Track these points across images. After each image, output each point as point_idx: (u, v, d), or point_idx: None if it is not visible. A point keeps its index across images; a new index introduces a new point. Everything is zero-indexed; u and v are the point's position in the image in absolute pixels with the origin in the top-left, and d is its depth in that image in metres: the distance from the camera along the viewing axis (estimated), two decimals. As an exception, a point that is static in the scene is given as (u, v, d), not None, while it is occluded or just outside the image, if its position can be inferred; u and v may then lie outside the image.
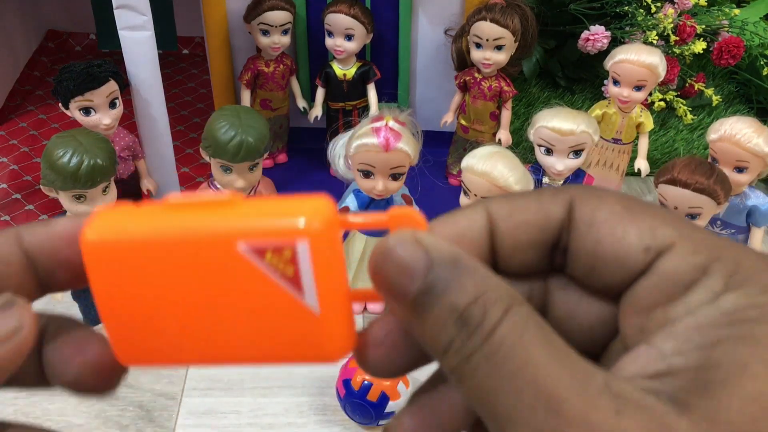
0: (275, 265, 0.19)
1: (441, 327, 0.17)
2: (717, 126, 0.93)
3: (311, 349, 0.19)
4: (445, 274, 0.17)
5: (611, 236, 0.17)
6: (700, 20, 1.36)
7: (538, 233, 0.19)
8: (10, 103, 1.33)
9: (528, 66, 1.39)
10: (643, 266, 0.17)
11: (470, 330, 0.16)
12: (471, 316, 0.16)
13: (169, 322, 0.20)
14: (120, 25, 0.90)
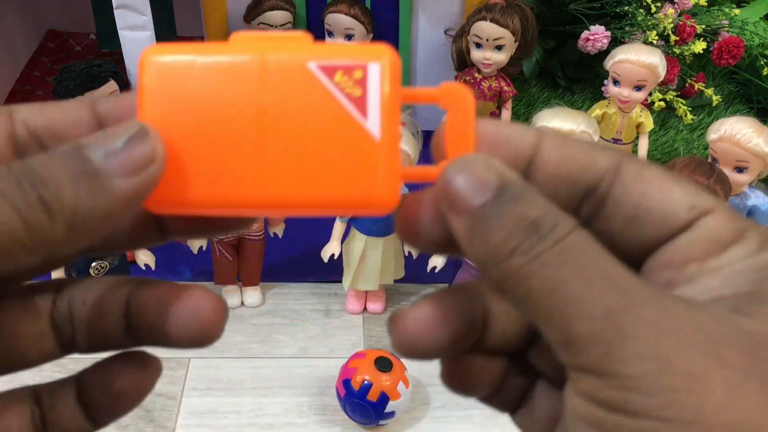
0: (343, 85, 0.18)
1: (508, 232, 0.17)
2: (717, 126, 0.93)
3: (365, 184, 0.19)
4: (516, 191, 0.18)
5: (658, 191, 0.18)
6: (700, 20, 1.36)
7: (580, 170, 0.19)
8: (10, 103, 1.33)
9: (528, 66, 1.39)
10: (685, 223, 0.18)
11: (541, 234, 0.17)
12: (542, 224, 0.17)
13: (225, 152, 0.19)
14: (120, 25, 0.90)
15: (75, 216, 0.17)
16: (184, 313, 0.20)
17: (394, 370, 0.79)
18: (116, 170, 0.17)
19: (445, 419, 0.84)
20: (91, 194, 0.17)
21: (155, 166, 0.18)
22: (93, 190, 0.17)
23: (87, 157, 0.17)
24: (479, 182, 0.18)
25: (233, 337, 0.92)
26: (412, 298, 1.03)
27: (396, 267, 0.95)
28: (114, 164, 0.18)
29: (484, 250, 0.18)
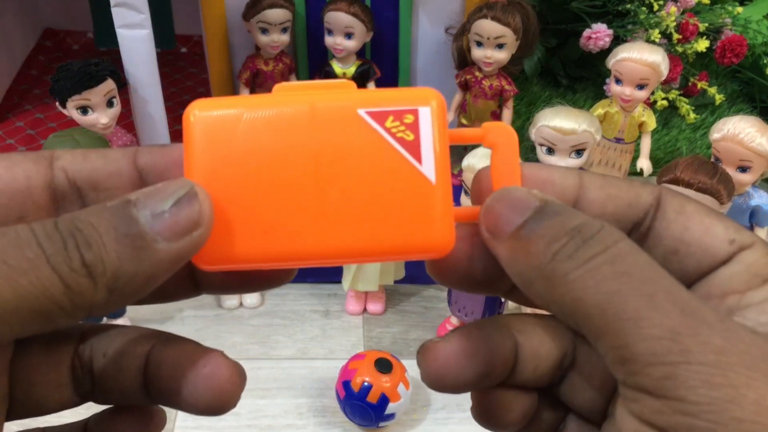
0: (395, 130, 0.19)
1: (550, 238, 0.17)
2: (720, 125, 0.92)
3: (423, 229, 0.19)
4: (557, 207, 0.18)
5: (700, 225, 0.19)
6: (703, 18, 1.35)
7: (625, 208, 0.19)
8: (7, 102, 1.32)
9: (529, 64, 1.38)
10: (726, 256, 0.18)
11: (585, 237, 0.17)
12: (585, 229, 0.17)
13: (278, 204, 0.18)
14: (117, 24, 0.89)
15: (116, 280, 0.17)
16: (200, 381, 0.19)
17: (394, 371, 0.78)
18: (162, 233, 0.17)
19: (446, 421, 0.84)
20: (135, 258, 0.17)
21: (201, 230, 0.18)
22: (137, 253, 0.17)
23: (134, 218, 0.17)
24: (520, 204, 0.18)
25: (231, 338, 0.91)
26: (412, 299, 1.02)
27: (396, 267, 0.94)
28: (160, 227, 0.17)
29: (527, 263, 0.17)
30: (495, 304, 0.91)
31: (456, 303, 0.94)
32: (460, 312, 0.94)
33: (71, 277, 0.16)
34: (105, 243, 0.17)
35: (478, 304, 0.91)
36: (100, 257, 0.16)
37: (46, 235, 0.16)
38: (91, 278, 0.16)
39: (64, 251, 0.16)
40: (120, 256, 0.17)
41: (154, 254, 0.17)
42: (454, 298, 0.94)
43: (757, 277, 0.18)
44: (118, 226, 0.17)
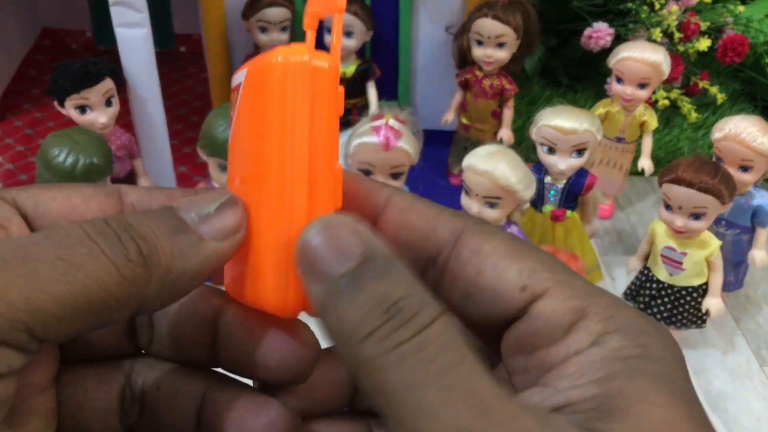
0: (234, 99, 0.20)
1: (366, 312, 0.16)
2: (721, 125, 0.92)
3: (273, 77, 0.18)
4: (382, 264, 0.17)
5: (492, 269, 0.18)
6: (705, 17, 1.35)
7: (420, 239, 0.19)
8: (6, 101, 1.32)
9: (530, 64, 1.38)
10: (520, 306, 0.18)
11: (402, 320, 0.16)
12: (405, 308, 0.16)
13: None
14: (116, 23, 0.89)
15: (169, 273, 0.17)
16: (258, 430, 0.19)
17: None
18: (209, 233, 0.18)
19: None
20: (186, 252, 0.18)
21: (242, 233, 0.19)
22: (188, 248, 0.18)
23: (181, 218, 0.18)
24: (342, 248, 0.17)
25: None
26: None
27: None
28: (207, 227, 0.18)
29: (338, 328, 0.16)
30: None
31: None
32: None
33: (128, 267, 0.16)
34: (159, 237, 0.17)
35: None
36: (156, 249, 0.17)
37: (98, 231, 0.17)
38: (146, 268, 0.17)
39: (119, 243, 0.17)
40: (173, 251, 0.17)
41: (202, 251, 0.18)
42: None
43: (559, 328, 0.17)
44: (170, 225, 0.18)
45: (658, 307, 0.92)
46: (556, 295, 0.17)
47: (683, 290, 0.90)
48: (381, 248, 0.17)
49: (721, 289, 0.89)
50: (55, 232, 0.16)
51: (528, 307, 0.18)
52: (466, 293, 0.18)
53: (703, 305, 0.90)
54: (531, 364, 0.18)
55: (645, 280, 0.92)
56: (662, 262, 0.89)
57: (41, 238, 0.16)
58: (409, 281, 0.17)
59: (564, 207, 0.95)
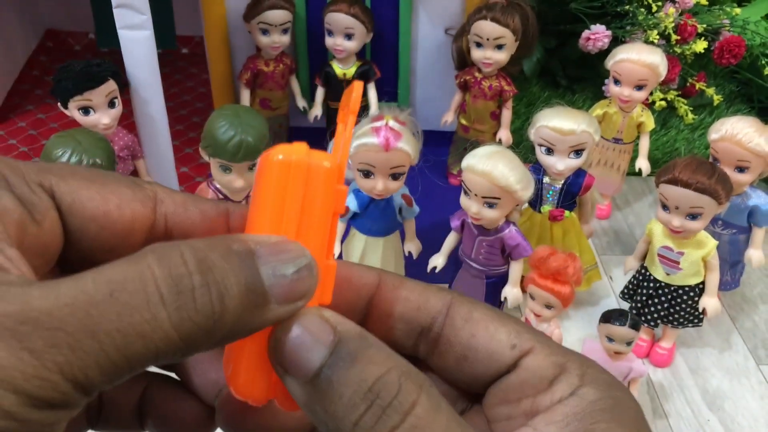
0: None
1: (348, 401, 0.17)
2: (718, 125, 0.92)
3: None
4: (353, 346, 0.17)
5: (485, 331, 0.20)
6: (701, 19, 1.35)
7: (414, 311, 0.20)
8: (9, 102, 1.33)
9: (529, 65, 1.38)
10: (510, 362, 0.20)
11: (383, 405, 0.16)
12: (384, 390, 0.16)
13: None
14: (119, 24, 0.89)
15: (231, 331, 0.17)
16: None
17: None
18: (278, 296, 0.17)
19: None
20: (251, 314, 0.17)
21: (305, 301, 0.18)
22: (255, 310, 0.17)
23: (258, 273, 0.17)
24: (313, 339, 0.17)
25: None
26: (412, 299, 1.03)
27: (396, 267, 0.94)
28: (278, 290, 0.17)
29: (326, 421, 0.17)
30: (495, 304, 0.92)
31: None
32: (459, 311, 0.94)
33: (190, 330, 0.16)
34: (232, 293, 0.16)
35: (477, 304, 0.91)
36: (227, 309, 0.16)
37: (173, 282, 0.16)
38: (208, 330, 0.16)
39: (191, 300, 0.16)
40: (242, 309, 0.17)
41: (265, 313, 0.17)
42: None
43: (543, 380, 0.19)
44: (246, 276, 0.17)
45: (655, 306, 0.93)
46: (540, 353, 0.20)
47: (680, 289, 0.90)
48: (350, 329, 0.18)
49: (717, 288, 0.90)
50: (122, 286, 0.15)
51: (517, 362, 0.20)
52: (463, 355, 0.20)
53: (699, 304, 0.90)
54: (516, 411, 0.20)
55: (642, 280, 0.93)
56: (659, 261, 0.90)
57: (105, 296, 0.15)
58: (382, 356, 0.17)
59: (562, 207, 0.96)
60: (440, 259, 0.92)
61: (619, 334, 0.77)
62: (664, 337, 0.97)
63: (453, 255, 0.92)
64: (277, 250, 0.18)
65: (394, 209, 0.89)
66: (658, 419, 0.90)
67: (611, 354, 0.80)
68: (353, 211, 0.88)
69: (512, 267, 0.87)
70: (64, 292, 0.15)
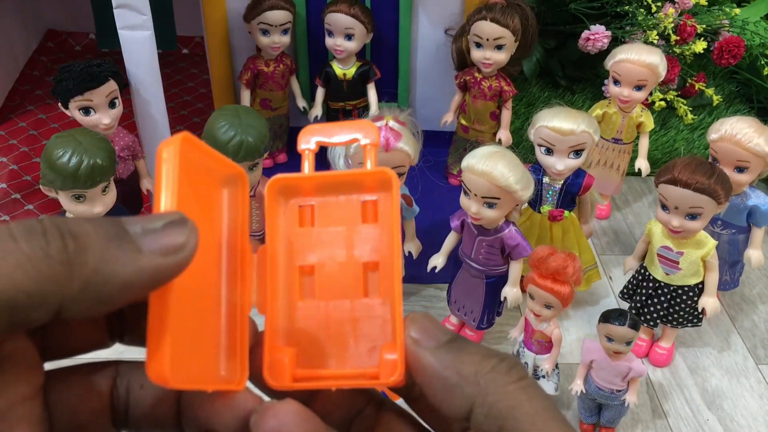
0: None
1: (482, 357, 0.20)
2: (717, 126, 0.92)
3: None
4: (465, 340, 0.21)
5: None
6: (701, 20, 1.36)
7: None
8: (10, 102, 1.33)
9: (528, 65, 1.39)
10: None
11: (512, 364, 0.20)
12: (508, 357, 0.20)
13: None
14: (119, 25, 0.90)
15: (95, 275, 0.17)
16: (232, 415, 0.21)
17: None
18: (149, 245, 0.18)
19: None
20: (120, 258, 0.17)
21: (185, 253, 0.19)
22: (122, 255, 0.17)
23: (124, 228, 0.18)
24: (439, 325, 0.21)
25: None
26: (412, 298, 1.03)
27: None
28: (148, 240, 0.18)
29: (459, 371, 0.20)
30: (494, 304, 0.92)
31: (456, 302, 0.95)
32: (459, 311, 0.94)
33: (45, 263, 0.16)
34: (93, 239, 0.17)
35: (477, 304, 0.91)
36: (84, 247, 0.17)
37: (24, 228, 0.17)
38: (68, 266, 0.16)
39: (43, 238, 0.16)
40: (104, 254, 0.17)
41: (137, 260, 0.18)
42: (454, 297, 0.95)
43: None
44: (108, 231, 0.18)
45: (655, 306, 0.93)
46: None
47: (679, 289, 0.90)
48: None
49: (717, 288, 0.90)
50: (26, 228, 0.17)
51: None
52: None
53: (699, 304, 0.91)
54: None
55: (642, 280, 0.93)
56: (659, 261, 0.90)
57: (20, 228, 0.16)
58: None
59: (562, 207, 0.96)
60: (440, 259, 0.93)
61: (619, 334, 0.77)
62: (663, 337, 0.97)
63: (453, 255, 0.93)
64: (146, 216, 0.19)
65: (394, 209, 0.89)
66: (658, 419, 0.90)
67: (611, 354, 0.80)
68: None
69: (512, 267, 0.87)
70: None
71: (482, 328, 0.94)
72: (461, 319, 0.96)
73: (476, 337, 0.97)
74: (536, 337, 0.84)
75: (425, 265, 0.93)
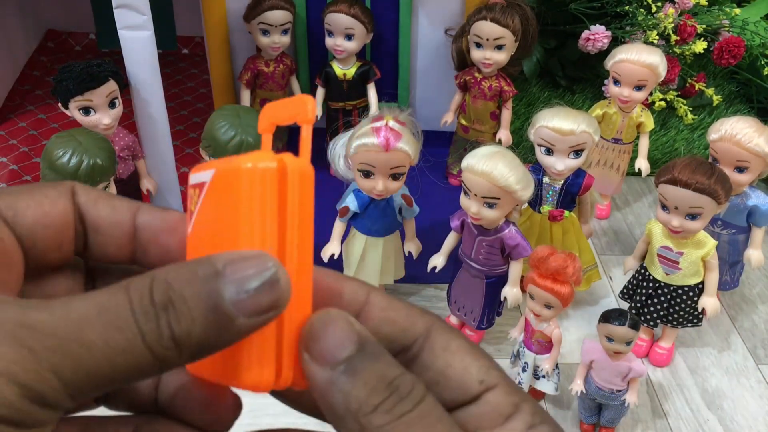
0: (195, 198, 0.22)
1: (372, 388, 0.19)
2: (717, 126, 0.93)
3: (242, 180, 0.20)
4: (374, 350, 0.20)
5: (460, 363, 0.22)
6: (701, 20, 1.36)
7: (400, 333, 0.22)
8: (10, 102, 1.33)
9: (528, 66, 1.39)
10: (475, 394, 0.22)
11: (402, 395, 0.19)
12: (401, 385, 0.20)
13: None
14: (120, 25, 0.90)
15: (199, 349, 0.19)
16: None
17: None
18: (243, 311, 0.19)
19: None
20: (217, 331, 0.19)
21: (278, 311, 0.20)
22: (220, 328, 0.19)
23: (221, 294, 0.19)
24: (342, 336, 0.20)
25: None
26: (412, 298, 1.03)
27: (396, 267, 0.95)
28: (243, 306, 0.19)
29: (345, 403, 0.20)
30: (494, 304, 0.92)
31: (456, 302, 0.95)
32: (459, 311, 0.95)
33: (161, 352, 0.18)
34: (194, 318, 0.19)
35: (477, 304, 0.91)
36: (188, 331, 0.18)
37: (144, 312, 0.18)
38: (178, 350, 0.19)
39: (158, 329, 0.18)
40: (205, 330, 0.19)
41: (233, 328, 0.19)
42: (454, 297, 0.95)
43: (499, 416, 0.21)
44: (207, 300, 0.19)
45: (655, 306, 0.93)
46: (502, 390, 0.22)
47: (679, 289, 0.91)
48: (370, 337, 0.21)
49: (717, 288, 0.90)
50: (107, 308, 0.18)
51: (480, 396, 0.22)
52: (435, 380, 0.22)
53: (699, 304, 0.91)
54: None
55: (642, 280, 0.93)
56: (659, 261, 0.90)
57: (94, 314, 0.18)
58: (395, 364, 0.20)
59: (562, 207, 0.96)
60: (440, 258, 0.93)
61: (619, 334, 0.77)
62: (663, 337, 0.97)
63: (453, 255, 0.93)
64: (242, 266, 0.19)
65: (394, 209, 0.89)
66: (658, 419, 0.90)
67: (611, 354, 0.80)
68: (353, 211, 0.89)
69: (512, 267, 0.87)
70: (58, 307, 0.18)
71: (482, 328, 0.94)
72: (461, 319, 0.96)
73: (476, 337, 0.97)
74: (536, 337, 0.84)
75: (425, 266, 0.93)
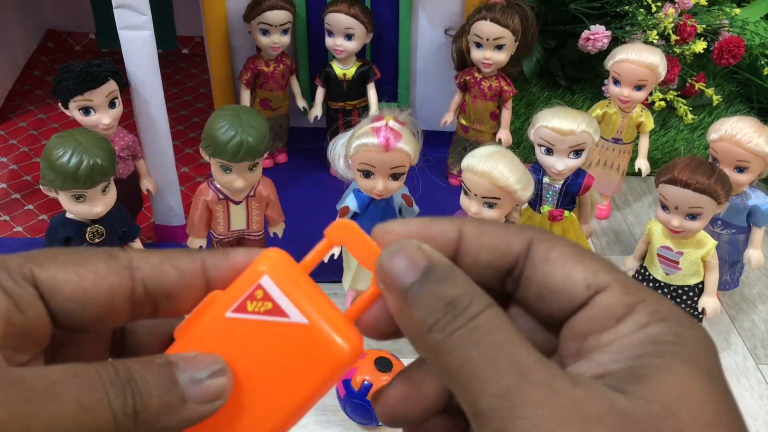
0: (257, 308, 0.23)
1: (430, 310, 0.20)
2: (717, 126, 0.93)
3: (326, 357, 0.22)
4: (441, 273, 0.21)
5: (561, 271, 0.21)
6: (701, 20, 1.36)
7: (499, 257, 0.22)
8: (10, 102, 1.33)
9: (528, 65, 1.39)
10: (584, 300, 0.21)
11: (456, 313, 0.20)
12: (458, 304, 0.20)
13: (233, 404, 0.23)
14: (120, 25, 0.90)
15: (151, 426, 0.20)
16: None
17: (394, 370, 0.79)
18: (194, 397, 0.21)
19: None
20: (169, 413, 0.21)
21: (222, 401, 0.22)
22: (173, 409, 0.21)
23: (176, 380, 0.21)
24: (409, 263, 0.21)
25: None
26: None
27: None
28: (194, 391, 0.21)
29: (410, 325, 0.21)
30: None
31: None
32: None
33: (121, 419, 0.20)
34: (153, 396, 0.20)
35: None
36: (147, 407, 0.20)
37: (111, 381, 0.20)
38: (135, 422, 0.20)
39: (123, 397, 0.20)
40: (160, 410, 0.21)
41: (183, 413, 0.21)
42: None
43: (611, 318, 0.20)
44: (164, 383, 0.21)
45: (655, 305, 0.93)
46: (614, 291, 0.21)
47: (679, 289, 0.91)
48: (441, 259, 0.21)
49: (717, 288, 0.90)
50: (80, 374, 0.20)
51: (589, 300, 0.21)
52: (539, 294, 0.22)
53: (699, 304, 0.91)
54: (583, 347, 0.21)
55: (642, 280, 0.93)
56: (659, 261, 0.90)
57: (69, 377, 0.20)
58: (463, 282, 0.21)
59: (562, 207, 0.96)
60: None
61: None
62: (663, 337, 0.97)
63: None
64: (193, 361, 0.22)
65: (394, 209, 0.89)
66: (658, 419, 0.90)
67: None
68: (353, 211, 0.89)
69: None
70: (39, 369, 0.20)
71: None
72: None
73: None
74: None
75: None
